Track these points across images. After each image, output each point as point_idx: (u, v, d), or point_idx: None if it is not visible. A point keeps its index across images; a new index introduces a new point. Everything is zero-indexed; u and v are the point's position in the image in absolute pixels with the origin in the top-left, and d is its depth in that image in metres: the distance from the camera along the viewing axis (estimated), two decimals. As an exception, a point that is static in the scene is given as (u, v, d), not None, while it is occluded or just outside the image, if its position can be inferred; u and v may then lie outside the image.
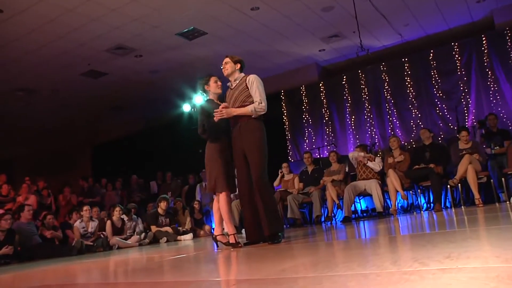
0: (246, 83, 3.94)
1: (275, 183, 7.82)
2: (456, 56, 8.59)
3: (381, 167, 6.89)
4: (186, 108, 10.52)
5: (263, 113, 3.89)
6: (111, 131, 13.30)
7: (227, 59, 4.09)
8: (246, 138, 3.83)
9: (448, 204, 6.59)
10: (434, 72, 8.78)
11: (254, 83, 3.93)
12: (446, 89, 8.68)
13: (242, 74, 4.07)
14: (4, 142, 12.91)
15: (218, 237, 4.04)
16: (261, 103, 3.86)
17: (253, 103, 3.86)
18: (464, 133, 6.47)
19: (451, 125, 8.48)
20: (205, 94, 4.26)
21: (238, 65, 4.07)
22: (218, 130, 3.97)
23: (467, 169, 5.98)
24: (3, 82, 9.03)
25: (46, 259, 6.24)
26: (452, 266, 1.49)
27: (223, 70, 4.08)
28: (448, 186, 6.27)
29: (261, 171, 3.74)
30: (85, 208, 7.36)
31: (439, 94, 8.71)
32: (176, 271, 2.66)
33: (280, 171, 7.84)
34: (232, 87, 4.06)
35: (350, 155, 7.28)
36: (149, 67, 9.27)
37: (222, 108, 3.83)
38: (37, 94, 9.91)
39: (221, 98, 4.20)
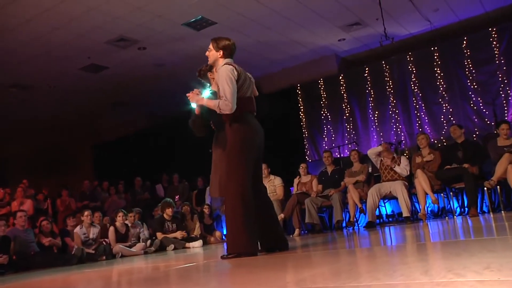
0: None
1: (294, 189, 7.81)
2: (494, 43, 8.44)
3: (408, 172, 6.81)
4: (193, 104, 10.54)
5: (228, 112, 3.52)
6: (113, 129, 13.41)
7: (210, 45, 3.80)
8: (225, 141, 3.69)
9: (485, 209, 6.49)
10: (467, 62, 8.65)
11: (221, 75, 3.57)
12: (482, 80, 8.55)
13: (224, 63, 3.69)
14: (-1, 140, 13.10)
15: None
16: (225, 100, 3.49)
17: None
18: (504, 126, 6.35)
19: (487, 120, 8.35)
20: (208, 85, 4.18)
21: (221, 52, 3.73)
22: (217, 125, 3.93)
23: (507, 169, 5.86)
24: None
25: (44, 269, 6.31)
26: (493, 278, 1.45)
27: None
28: (485, 188, 6.17)
29: (227, 180, 3.59)
30: (86, 213, 7.42)
31: (474, 86, 8.58)
32: (184, 282, 2.66)
33: (298, 177, 7.83)
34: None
35: (369, 151, 7.21)
36: (154, 60, 9.31)
37: (193, 92, 3.80)
38: (32, 89, 10.03)
39: None
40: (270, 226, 3.81)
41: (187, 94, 3.86)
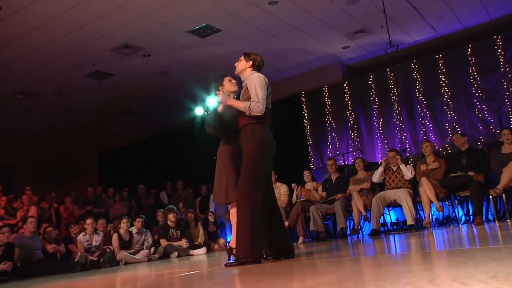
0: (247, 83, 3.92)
1: (294, 197, 7.78)
2: (499, 50, 8.42)
3: (412, 175, 6.81)
4: (198, 111, 10.56)
5: (258, 114, 3.73)
6: (119, 137, 13.44)
7: (242, 57, 4.07)
8: (243, 144, 3.82)
9: (490, 217, 6.45)
10: (472, 69, 8.63)
11: (252, 81, 3.81)
12: (487, 88, 8.51)
13: (251, 73, 3.96)
14: (5, 148, 13.15)
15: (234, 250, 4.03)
16: (258, 102, 3.71)
17: None
18: (505, 131, 6.32)
19: (492, 128, 8.30)
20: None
21: (250, 63, 3.99)
22: (229, 130, 4.02)
23: (512, 177, 5.83)
24: (2, 85, 9.19)
25: (48, 276, 6.31)
26: (500, 287, 1.44)
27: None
28: (490, 196, 6.13)
29: (245, 182, 3.66)
30: (88, 221, 7.42)
31: (479, 93, 8.55)
32: (187, 290, 2.65)
33: (294, 185, 7.80)
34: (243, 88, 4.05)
35: (374, 179, 7.15)
36: (159, 67, 9.34)
37: (220, 92, 3.93)
38: (38, 97, 10.07)
39: (238, 96, 4.22)
40: (278, 234, 3.88)
41: (217, 92, 4.02)
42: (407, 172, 6.80)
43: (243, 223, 3.58)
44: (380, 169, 7.04)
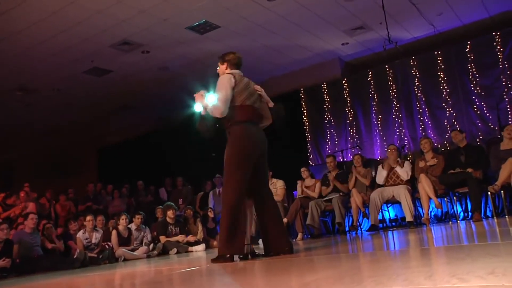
0: None
1: (300, 192, 7.80)
2: (498, 47, 8.42)
3: (408, 176, 6.80)
4: (197, 108, 10.54)
5: (218, 116, 3.81)
6: (117, 133, 13.44)
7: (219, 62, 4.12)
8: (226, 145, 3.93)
9: (488, 213, 6.46)
10: (471, 66, 8.63)
11: (217, 83, 3.88)
12: (486, 84, 8.52)
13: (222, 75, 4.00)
14: (3, 144, 13.14)
15: None
16: (216, 104, 3.79)
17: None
18: (510, 127, 6.32)
19: (491, 125, 8.32)
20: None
21: (225, 64, 4.04)
22: (222, 129, 4.05)
23: (511, 173, 5.84)
24: (1, 81, 9.18)
25: (47, 272, 6.31)
26: (497, 283, 1.44)
27: None
28: (489, 193, 6.14)
29: (224, 184, 3.85)
30: (88, 218, 7.41)
31: (477, 90, 8.55)
32: (186, 285, 2.66)
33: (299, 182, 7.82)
34: None
35: (379, 180, 7.15)
36: (158, 63, 9.33)
37: (199, 93, 4.02)
38: (37, 93, 10.06)
39: None
40: (275, 231, 3.92)
41: (194, 95, 4.09)
42: (404, 174, 6.80)
43: (221, 221, 3.79)
44: (384, 172, 7.00)
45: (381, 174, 7.02)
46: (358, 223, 6.98)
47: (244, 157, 3.79)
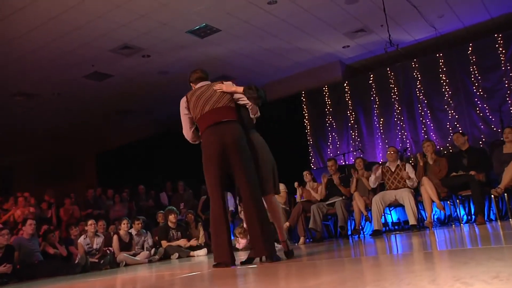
0: None
1: (298, 197, 7.77)
2: (500, 49, 8.41)
3: (415, 185, 6.71)
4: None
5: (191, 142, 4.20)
6: (118, 137, 13.44)
7: None
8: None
9: (492, 217, 6.44)
10: (473, 68, 8.63)
11: None
12: (488, 86, 8.51)
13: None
14: (3, 148, 13.14)
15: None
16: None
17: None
18: (507, 130, 6.30)
19: (494, 127, 8.30)
20: None
21: (192, 85, 4.25)
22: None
23: (514, 176, 5.81)
24: (1, 86, 9.19)
25: (48, 278, 6.31)
26: (502, 287, 1.44)
27: None
28: (492, 196, 6.11)
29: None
30: (89, 222, 7.40)
31: (480, 92, 8.55)
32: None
33: (296, 184, 7.79)
34: None
35: (371, 184, 7.15)
36: (158, 67, 9.35)
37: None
38: (37, 98, 10.07)
39: None
40: (250, 233, 3.77)
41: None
42: (410, 183, 6.71)
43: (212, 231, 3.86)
44: (372, 176, 7.03)
45: (370, 179, 7.05)
46: (360, 227, 6.97)
47: (206, 160, 3.82)
